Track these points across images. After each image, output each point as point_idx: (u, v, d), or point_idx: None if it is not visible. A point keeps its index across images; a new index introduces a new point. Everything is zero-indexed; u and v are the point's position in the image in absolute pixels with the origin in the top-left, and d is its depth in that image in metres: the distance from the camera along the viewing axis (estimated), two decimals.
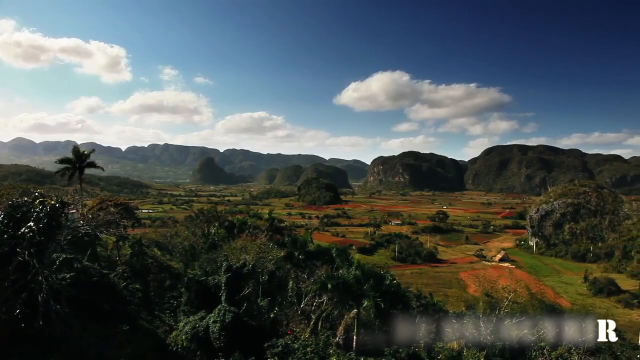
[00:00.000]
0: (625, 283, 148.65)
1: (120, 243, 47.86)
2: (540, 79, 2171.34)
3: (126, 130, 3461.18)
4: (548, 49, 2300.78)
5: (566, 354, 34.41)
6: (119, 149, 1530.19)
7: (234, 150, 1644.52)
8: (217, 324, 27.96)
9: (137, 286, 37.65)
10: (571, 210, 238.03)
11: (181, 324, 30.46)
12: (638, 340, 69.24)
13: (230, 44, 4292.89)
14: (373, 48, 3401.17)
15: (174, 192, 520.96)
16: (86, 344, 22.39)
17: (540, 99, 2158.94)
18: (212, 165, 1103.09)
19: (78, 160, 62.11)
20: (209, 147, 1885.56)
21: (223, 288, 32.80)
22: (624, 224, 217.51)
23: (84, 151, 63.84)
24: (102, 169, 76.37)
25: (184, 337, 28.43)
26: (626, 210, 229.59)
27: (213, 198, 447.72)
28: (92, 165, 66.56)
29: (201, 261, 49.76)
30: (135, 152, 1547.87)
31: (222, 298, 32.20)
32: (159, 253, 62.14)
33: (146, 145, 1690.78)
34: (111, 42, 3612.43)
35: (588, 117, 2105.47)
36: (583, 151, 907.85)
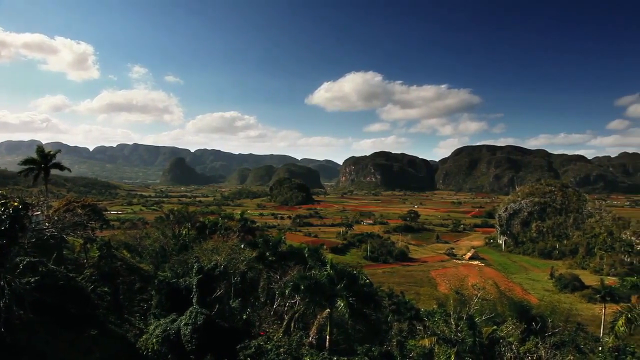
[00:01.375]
0: (589, 279, 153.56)
1: (88, 245, 46.65)
2: (510, 81, 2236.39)
3: (93, 129, 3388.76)
4: (518, 51, 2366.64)
5: (534, 349, 35.36)
6: (86, 149, 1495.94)
7: (205, 150, 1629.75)
8: (189, 327, 27.54)
9: (105, 289, 36.82)
10: (538, 209, 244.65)
11: (152, 327, 29.86)
12: (600, 333, 72.14)
13: (201, 43, 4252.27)
14: (346, 48, 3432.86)
15: (144, 193, 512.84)
16: (52, 349, 21.73)
17: (509, 100, 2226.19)
18: (182, 165, 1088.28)
19: (43, 161, 60.30)
20: (180, 147, 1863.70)
21: (194, 290, 32.28)
22: (587, 222, 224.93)
23: (49, 151, 62.00)
24: (69, 169, 73.91)
25: (154, 340, 27.88)
26: (589, 208, 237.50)
27: (184, 199, 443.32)
28: (58, 166, 64.63)
29: (172, 263, 48.83)
30: (103, 152, 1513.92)
31: (194, 300, 31.69)
32: (128, 255, 60.74)
33: (114, 145, 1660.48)
34: (78, 38, 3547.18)
35: (554, 118, 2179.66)
36: (549, 151, 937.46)
